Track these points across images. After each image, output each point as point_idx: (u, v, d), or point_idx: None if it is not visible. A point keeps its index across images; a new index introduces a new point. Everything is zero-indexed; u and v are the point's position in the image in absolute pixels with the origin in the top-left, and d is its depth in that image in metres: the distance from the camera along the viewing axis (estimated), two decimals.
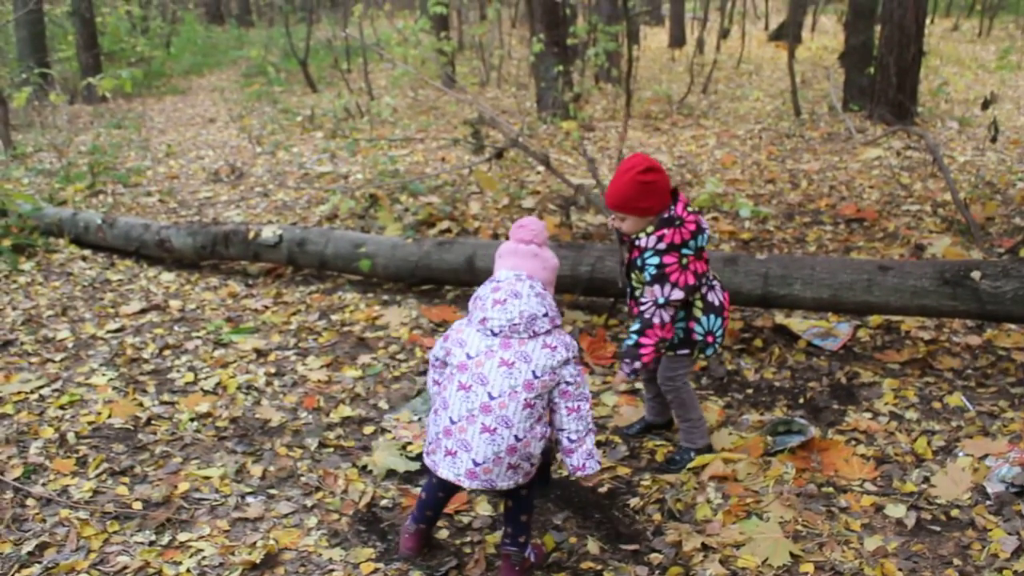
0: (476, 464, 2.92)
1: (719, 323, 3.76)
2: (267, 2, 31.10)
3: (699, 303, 3.72)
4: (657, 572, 3.26)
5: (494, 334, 2.95)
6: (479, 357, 2.94)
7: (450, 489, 3.23)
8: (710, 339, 3.77)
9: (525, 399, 2.91)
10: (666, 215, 3.56)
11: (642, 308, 3.60)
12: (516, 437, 2.91)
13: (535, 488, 3.21)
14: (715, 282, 3.80)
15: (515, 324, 2.92)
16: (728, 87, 15.62)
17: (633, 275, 3.70)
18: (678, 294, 3.54)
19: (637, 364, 3.61)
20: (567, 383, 2.99)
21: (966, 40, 22.18)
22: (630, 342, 3.62)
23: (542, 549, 3.39)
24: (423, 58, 13.97)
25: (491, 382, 2.91)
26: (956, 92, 13.95)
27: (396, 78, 13.75)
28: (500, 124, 6.27)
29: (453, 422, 2.95)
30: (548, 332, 2.98)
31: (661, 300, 3.54)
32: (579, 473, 3.07)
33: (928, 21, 14.73)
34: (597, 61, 12.01)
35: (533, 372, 2.92)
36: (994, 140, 8.40)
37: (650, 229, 3.56)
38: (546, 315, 2.97)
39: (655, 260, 3.54)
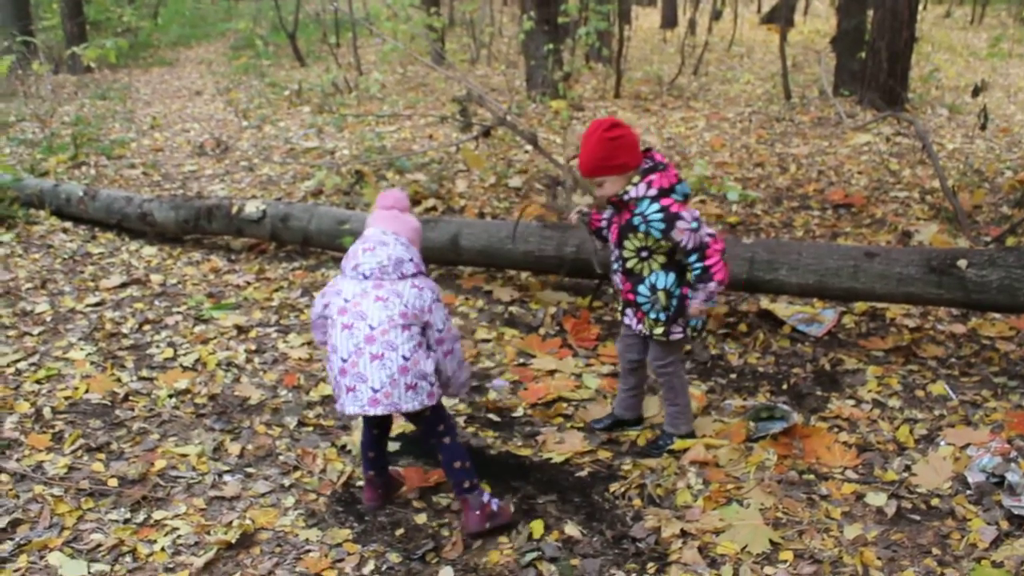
0: (375, 391, 3.14)
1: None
2: None
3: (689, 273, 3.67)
4: (635, 558, 3.24)
5: (366, 277, 3.20)
6: (355, 299, 3.18)
7: (377, 423, 3.44)
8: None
9: (403, 324, 3.15)
10: (646, 165, 3.54)
11: (682, 243, 3.51)
12: (404, 357, 3.14)
13: (454, 433, 3.40)
14: None
15: (384, 266, 3.19)
16: (719, 69, 15.55)
17: (627, 242, 3.62)
18: (695, 218, 3.49)
19: (712, 286, 3.54)
20: (438, 329, 3.26)
21: (958, 27, 22.18)
22: (695, 273, 3.54)
23: (507, 506, 3.46)
24: (412, 34, 13.85)
25: (370, 315, 3.14)
26: (947, 79, 13.93)
27: (385, 54, 13.63)
28: (488, 102, 6.21)
29: (344, 360, 3.17)
30: (415, 275, 3.25)
31: (694, 224, 3.49)
32: (456, 397, 3.56)
33: (921, 7, 14.70)
34: (588, 40, 11.90)
35: (405, 305, 3.16)
36: (984, 128, 8.39)
37: (636, 179, 3.53)
38: (411, 260, 3.25)
39: (655, 207, 3.50)
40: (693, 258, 3.53)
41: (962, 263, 4.43)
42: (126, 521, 3.41)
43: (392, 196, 3.43)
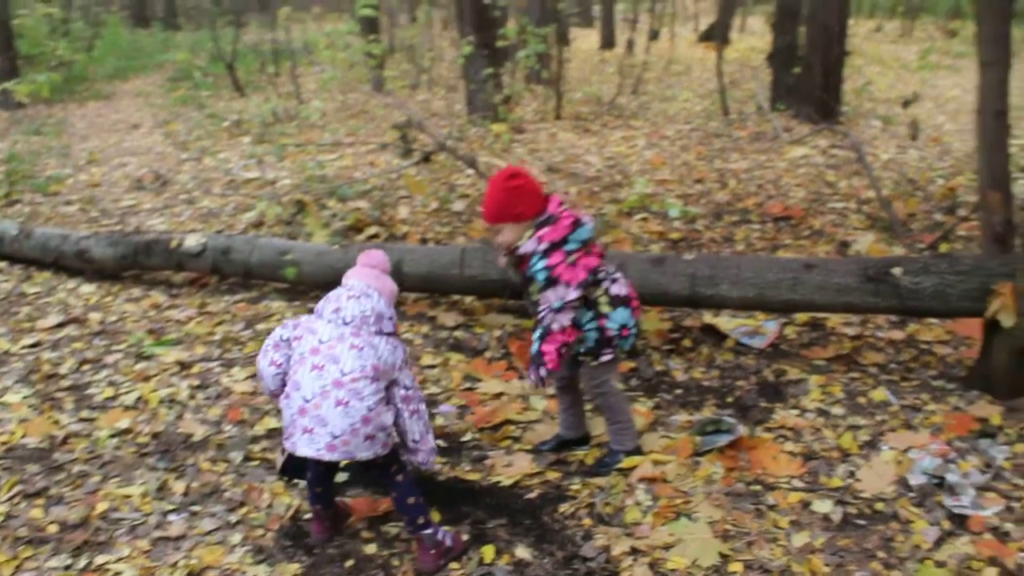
0: (335, 437, 3.11)
1: (629, 314, 3.73)
2: (193, 5, 30.57)
3: (604, 298, 3.69)
4: None
5: (345, 323, 3.19)
6: (331, 342, 3.17)
7: (326, 463, 3.37)
8: (624, 332, 3.73)
9: (372, 376, 3.13)
10: (541, 217, 3.59)
11: (540, 315, 3.59)
12: (368, 408, 3.11)
13: (406, 470, 3.37)
14: (617, 274, 3.77)
15: (366, 316, 3.20)
16: (658, 88, 15.74)
17: (531, 288, 3.66)
18: (573, 294, 3.53)
19: (542, 371, 3.61)
20: (406, 387, 3.25)
21: (888, 41, 22.70)
22: (534, 349, 3.62)
23: (459, 536, 3.44)
24: (351, 62, 13.83)
25: (343, 361, 3.12)
26: (879, 91, 14.24)
27: (325, 82, 13.60)
28: (427, 128, 6.22)
29: (307, 400, 3.13)
30: (391, 334, 3.26)
31: (556, 304, 3.53)
32: (425, 467, 3.44)
33: (852, 22, 15.00)
34: (527, 63, 11.99)
35: (378, 359, 3.16)
36: (914, 138, 8.58)
37: (529, 233, 3.58)
38: (390, 319, 3.27)
39: (541, 264, 3.54)
40: (536, 333, 3.61)
41: (897, 271, 4.52)
42: (67, 567, 3.34)
43: (376, 256, 3.45)
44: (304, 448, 3.17)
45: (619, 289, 3.73)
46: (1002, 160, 4.41)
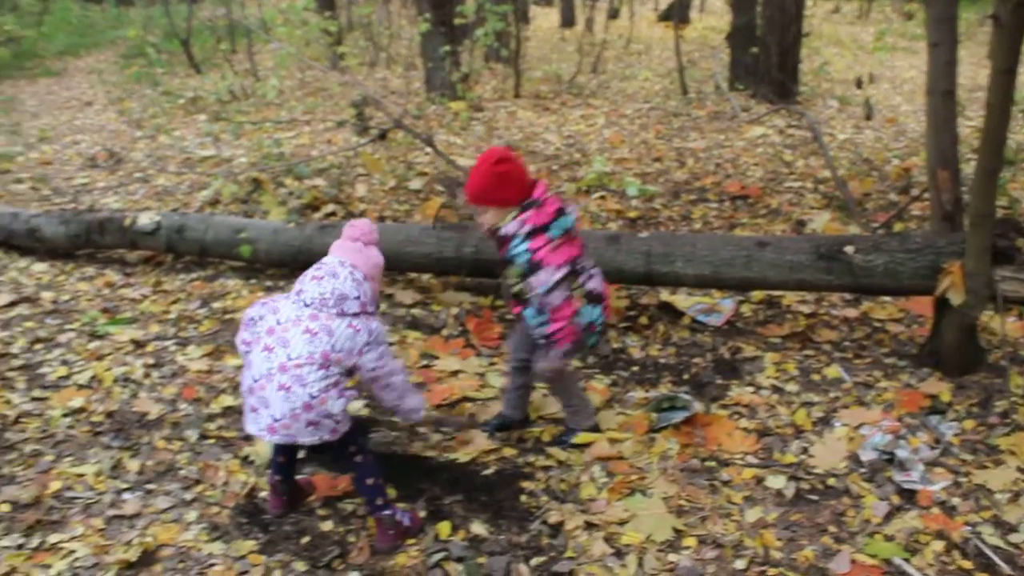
0: (275, 420, 3.11)
1: (599, 312, 3.71)
2: None
3: (579, 291, 3.65)
4: (540, 553, 3.26)
5: (306, 305, 3.16)
6: (287, 323, 3.15)
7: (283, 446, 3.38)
8: (592, 329, 3.72)
9: (320, 364, 3.09)
10: (526, 202, 3.56)
11: (532, 301, 3.56)
12: (311, 395, 3.08)
13: (365, 451, 3.38)
14: (595, 271, 3.73)
15: (325, 298, 3.14)
16: (617, 67, 15.74)
17: (508, 271, 3.63)
18: (558, 274, 3.49)
19: (562, 350, 3.58)
20: (371, 370, 3.20)
21: (846, 22, 22.86)
22: (539, 334, 3.59)
23: (417, 515, 3.45)
24: (308, 39, 13.67)
25: (292, 345, 3.10)
26: (836, 72, 14.34)
27: (282, 59, 13.42)
28: (384, 105, 6.18)
29: (255, 380, 3.14)
30: (356, 315, 3.17)
31: (542, 290, 3.49)
32: (410, 420, 3.54)
33: (809, 3, 15.11)
34: (486, 41, 11.93)
35: (332, 346, 3.11)
36: (869, 118, 8.66)
37: (513, 214, 3.55)
38: (357, 298, 3.18)
39: (523, 247, 3.51)
40: (534, 321, 3.61)
41: (849, 249, 4.57)
42: (19, 547, 3.32)
43: (359, 228, 3.38)
44: (250, 426, 3.21)
45: (595, 285, 3.69)
46: (951, 139, 4.47)
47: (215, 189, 7.55)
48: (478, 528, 3.40)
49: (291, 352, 3.08)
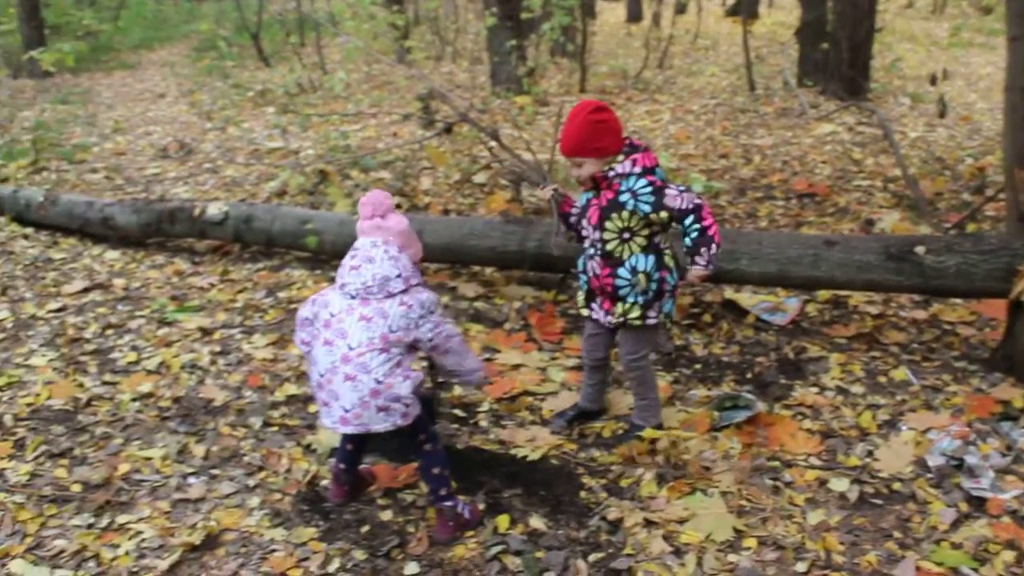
0: (346, 411, 3.13)
1: (677, 278, 3.74)
2: None
3: (670, 252, 3.69)
4: (599, 549, 3.25)
5: (352, 297, 3.17)
6: (340, 314, 3.17)
7: (351, 436, 3.40)
8: (676, 292, 3.75)
9: (381, 348, 3.11)
10: (627, 147, 3.54)
11: (680, 206, 3.47)
12: (377, 380, 3.10)
13: (435, 440, 3.38)
14: None
15: (369, 286, 3.15)
16: (684, 62, 15.62)
17: (608, 223, 3.59)
18: (690, 194, 3.48)
19: (713, 247, 3.49)
20: (429, 340, 3.21)
21: (920, 17, 22.40)
22: (693, 238, 3.49)
23: (476, 507, 3.45)
24: (375, 33, 13.79)
25: (350, 335, 3.12)
26: (909, 68, 14.05)
27: (349, 52, 13.58)
28: (449, 99, 6.20)
29: (322, 375, 3.17)
30: (404, 291, 3.19)
31: (682, 187, 3.48)
32: (471, 382, 3.54)
33: None
34: (552, 35, 11.93)
35: (389, 327, 3.13)
36: (942, 116, 8.47)
37: (620, 158, 3.53)
38: (399, 276, 3.18)
39: (643, 182, 3.49)
40: (690, 219, 3.48)
41: (920, 250, 4.48)
42: (89, 526, 3.39)
43: (371, 204, 3.30)
44: (324, 420, 3.24)
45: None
46: None
47: (282, 180, 7.67)
48: (537, 522, 3.40)
49: (351, 342, 3.11)
